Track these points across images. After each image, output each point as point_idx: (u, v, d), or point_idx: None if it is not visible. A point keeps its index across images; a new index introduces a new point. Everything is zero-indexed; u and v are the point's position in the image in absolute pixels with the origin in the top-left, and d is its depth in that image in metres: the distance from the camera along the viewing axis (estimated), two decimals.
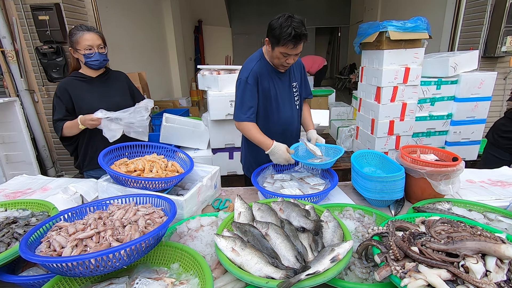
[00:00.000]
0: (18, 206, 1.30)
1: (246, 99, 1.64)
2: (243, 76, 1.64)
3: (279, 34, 1.45)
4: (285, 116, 1.77)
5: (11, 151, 3.17)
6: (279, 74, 1.71)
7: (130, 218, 1.01)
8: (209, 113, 3.03)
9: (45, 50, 3.14)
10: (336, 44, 12.02)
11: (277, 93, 1.71)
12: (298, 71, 1.81)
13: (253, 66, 1.64)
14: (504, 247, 0.80)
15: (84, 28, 1.69)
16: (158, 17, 6.66)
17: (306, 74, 1.87)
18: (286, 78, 1.74)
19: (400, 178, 1.37)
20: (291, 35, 1.43)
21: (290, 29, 1.42)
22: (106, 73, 1.86)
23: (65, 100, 1.74)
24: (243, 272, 0.87)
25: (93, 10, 3.56)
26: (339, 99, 6.12)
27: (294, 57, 1.57)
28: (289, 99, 1.77)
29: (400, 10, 6.58)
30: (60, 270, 0.80)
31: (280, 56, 1.54)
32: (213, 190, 1.58)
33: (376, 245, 0.93)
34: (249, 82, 1.63)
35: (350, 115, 4.85)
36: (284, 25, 1.43)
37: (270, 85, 1.68)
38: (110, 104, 1.77)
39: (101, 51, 1.73)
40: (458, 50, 3.95)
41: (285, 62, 1.57)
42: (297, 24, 1.43)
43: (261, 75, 1.65)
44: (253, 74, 1.63)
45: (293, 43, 1.46)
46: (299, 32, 1.43)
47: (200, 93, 7.58)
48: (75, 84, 1.76)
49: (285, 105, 1.76)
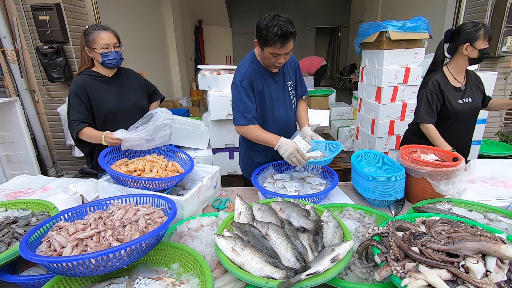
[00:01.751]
0: (19, 206, 1.30)
1: (243, 103, 1.64)
2: (237, 80, 1.64)
3: (266, 35, 1.43)
4: (281, 115, 1.76)
5: (11, 151, 3.18)
6: (273, 75, 1.69)
7: (130, 218, 1.01)
8: (209, 113, 3.03)
9: (46, 50, 3.14)
10: (336, 44, 12.02)
11: (271, 93, 1.70)
12: (292, 69, 1.79)
13: (246, 69, 1.64)
14: (505, 247, 0.80)
15: (100, 27, 1.68)
16: (158, 17, 6.66)
17: (300, 71, 1.85)
18: (280, 78, 1.72)
19: (400, 178, 1.37)
20: (277, 35, 1.40)
21: (277, 28, 1.39)
22: (119, 72, 1.85)
23: (85, 99, 1.69)
24: (243, 272, 0.87)
25: (94, 10, 3.56)
26: (339, 99, 6.12)
27: (285, 56, 1.53)
28: (284, 99, 1.76)
29: (400, 10, 6.58)
30: (60, 270, 0.80)
31: (270, 56, 1.52)
32: (213, 190, 1.58)
33: (376, 245, 0.93)
34: (243, 86, 1.63)
35: (350, 115, 4.85)
36: (270, 25, 1.40)
37: (264, 86, 1.67)
38: (127, 104, 1.78)
39: (117, 50, 1.71)
40: None
41: (276, 62, 1.55)
42: (283, 23, 1.40)
43: (254, 77, 1.64)
44: (246, 77, 1.63)
45: (281, 42, 1.43)
46: (285, 31, 1.40)
47: (200, 93, 7.58)
48: (93, 84, 1.72)
49: (280, 105, 1.75)
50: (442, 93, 1.84)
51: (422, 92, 1.89)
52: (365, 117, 3.57)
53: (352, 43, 3.86)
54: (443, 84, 1.84)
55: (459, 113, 1.85)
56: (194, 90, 7.71)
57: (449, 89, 1.86)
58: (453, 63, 1.88)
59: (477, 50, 1.75)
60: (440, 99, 1.84)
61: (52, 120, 3.52)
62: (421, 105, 1.89)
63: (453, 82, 1.88)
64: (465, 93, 1.88)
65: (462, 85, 1.88)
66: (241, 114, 1.65)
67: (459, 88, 1.87)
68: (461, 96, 1.86)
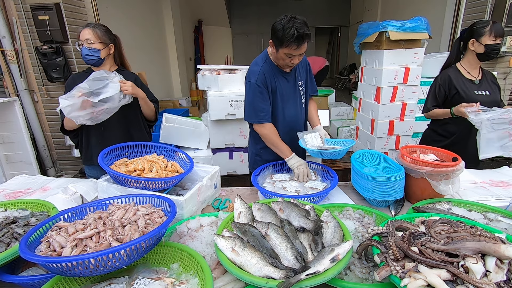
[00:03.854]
0: (18, 206, 1.30)
1: (257, 102, 1.68)
2: (252, 80, 1.67)
3: (282, 36, 1.47)
4: (290, 114, 1.79)
5: (11, 151, 3.17)
6: (285, 74, 1.73)
7: (130, 218, 1.01)
8: (209, 113, 3.03)
9: (45, 50, 3.13)
10: (336, 44, 12.02)
11: (283, 93, 1.74)
12: (304, 69, 1.82)
13: (259, 68, 1.67)
14: (504, 247, 0.80)
15: (86, 25, 1.72)
16: (158, 17, 6.66)
17: (311, 71, 1.88)
18: (292, 77, 1.76)
19: (400, 178, 1.37)
20: (293, 36, 1.44)
21: (293, 30, 1.43)
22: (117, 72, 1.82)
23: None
24: (243, 272, 0.87)
25: (93, 10, 3.56)
26: (339, 99, 6.12)
27: (299, 57, 1.58)
28: (295, 98, 1.79)
29: (400, 10, 6.58)
30: (60, 270, 0.80)
31: (285, 57, 1.56)
32: (213, 190, 1.58)
33: (376, 245, 0.93)
34: (258, 85, 1.66)
35: (350, 115, 4.86)
36: (287, 26, 1.44)
37: (277, 85, 1.71)
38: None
39: (88, 46, 1.69)
40: None
41: (290, 63, 1.59)
42: (300, 25, 1.44)
43: (268, 76, 1.68)
44: (260, 77, 1.66)
45: (296, 44, 1.47)
46: (301, 33, 1.44)
47: (200, 93, 7.58)
48: (82, 78, 1.71)
49: (290, 104, 1.78)
50: (452, 85, 1.92)
51: (432, 84, 2.02)
52: (364, 117, 3.58)
53: (352, 43, 3.86)
54: (454, 76, 1.94)
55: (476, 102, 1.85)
56: (194, 90, 7.72)
57: (463, 81, 1.93)
58: (465, 59, 1.97)
59: (483, 46, 1.82)
60: (446, 90, 1.94)
61: (51, 120, 3.51)
62: (428, 96, 2.05)
63: (467, 76, 1.95)
64: (481, 86, 1.94)
65: (476, 79, 1.95)
66: (255, 112, 1.70)
67: (474, 81, 1.94)
68: (477, 88, 1.93)
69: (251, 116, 1.72)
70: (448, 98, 1.96)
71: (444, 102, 1.99)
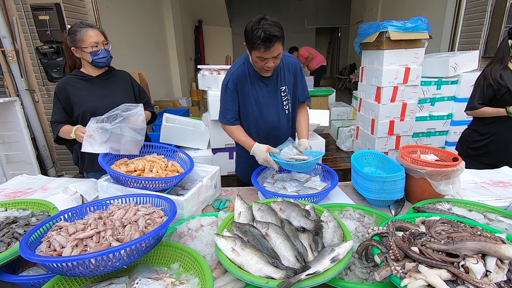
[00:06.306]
0: (18, 206, 1.30)
1: (226, 103, 1.67)
2: (225, 81, 1.66)
3: (250, 38, 1.40)
4: (270, 120, 1.72)
5: (11, 151, 3.18)
6: (263, 78, 1.65)
7: (130, 218, 1.01)
8: (209, 113, 3.03)
9: (45, 50, 3.14)
10: (336, 44, 12.02)
11: (259, 97, 1.67)
12: (291, 73, 1.70)
13: (234, 70, 1.63)
14: (504, 247, 0.80)
15: (86, 25, 1.63)
16: (158, 17, 6.67)
17: (303, 76, 1.78)
18: (273, 82, 1.68)
19: (400, 178, 1.37)
20: (260, 38, 1.36)
21: (260, 31, 1.35)
22: (108, 72, 1.80)
23: (62, 98, 1.69)
24: (243, 272, 0.87)
25: (93, 10, 3.57)
26: (339, 99, 6.12)
27: (274, 60, 1.48)
28: (275, 104, 1.71)
29: (400, 10, 6.58)
30: (60, 270, 0.80)
31: (258, 60, 1.48)
32: (213, 190, 1.58)
33: (376, 245, 0.93)
34: (229, 87, 1.64)
35: (350, 115, 4.86)
36: (255, 28, 1.37)
37: (251, 89, 1.65)
38: (109, 104, 1.66)
39: (107, 48, 1.67)
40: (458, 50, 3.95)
41: (265, 66, 1.50)
42: (268, 26, 1.35)
43: (241, 79, 1.63)
44: (233, 78, 1.63)
45: (264, 46, 1.38)
46: (268, 34, 1.35)
47: (200, 93, 7.58)
48: (74, 83, 1.71)
49: (270, 109, 1.71)
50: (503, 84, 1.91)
51: (478, 82, 2.02)
52: (365, 117, 3.58)
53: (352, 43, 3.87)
54: (506, 75, 1.92)
55: None
56: (194, 90, 7.72)
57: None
58: None
59: None
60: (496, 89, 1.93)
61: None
62: (473, 94, 2.04)
63: None
64: None
65: None
66: (223, 114, 1.71)
67: None
68: None
69: (220, 116, 1.73)
70: (496, 96, 1.96)
71: (490, 100, 1.99)
